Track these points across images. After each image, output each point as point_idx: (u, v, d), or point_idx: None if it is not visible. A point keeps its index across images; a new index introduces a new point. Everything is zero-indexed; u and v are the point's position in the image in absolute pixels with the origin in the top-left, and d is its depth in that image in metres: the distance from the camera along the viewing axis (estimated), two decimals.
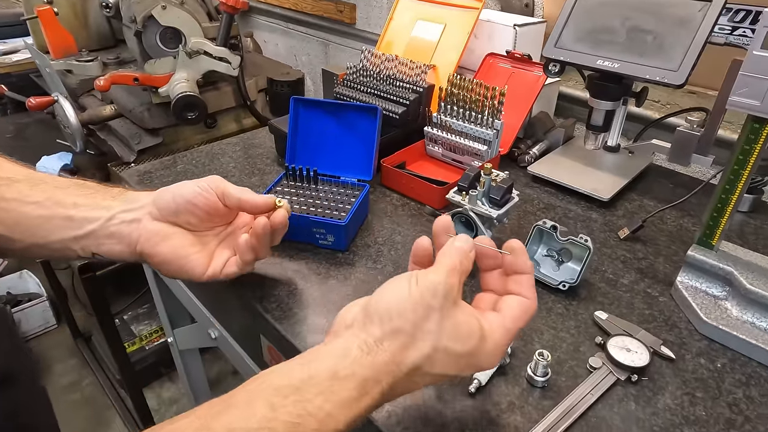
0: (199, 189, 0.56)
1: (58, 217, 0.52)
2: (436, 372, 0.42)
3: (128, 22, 1.30)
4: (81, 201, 0.54)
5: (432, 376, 0.42)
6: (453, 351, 0.41)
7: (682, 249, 0.78)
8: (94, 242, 0.54)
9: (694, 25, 0.78)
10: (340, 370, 0.38)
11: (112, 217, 0.54)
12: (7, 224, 0.51)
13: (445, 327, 0.41)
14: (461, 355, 0.42)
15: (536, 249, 0.73)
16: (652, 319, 0.65)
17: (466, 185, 0.71)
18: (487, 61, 1.08)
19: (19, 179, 0.52)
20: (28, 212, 0.51)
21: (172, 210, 0.56)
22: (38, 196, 0.52)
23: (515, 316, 0.45)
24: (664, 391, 0.56)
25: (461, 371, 0.43)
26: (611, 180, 0.92)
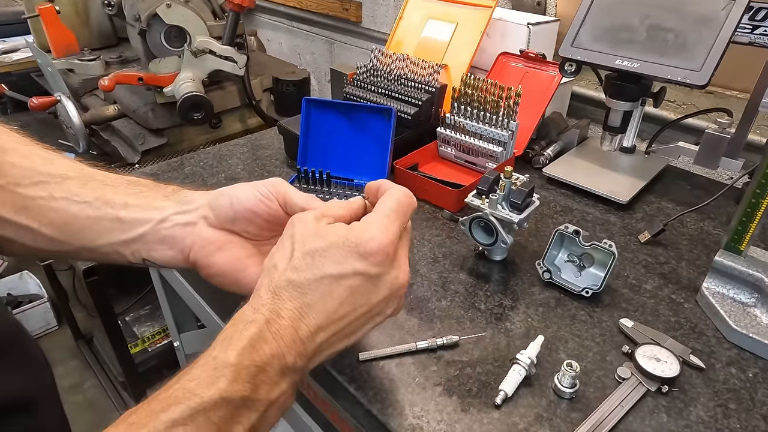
0: (260, 195, 0.50)
1: (107, 218, 0.48)
2: (312, 276, 0.40)
3: (132, 20, 1.28)
4: (132, 201, 0.49)
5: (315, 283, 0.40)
6: (312, 247, 0.41)
7: (705, 253, 0.76)
8: (144, 247, 0.49)
9: (717, 23, 0.76)
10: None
11: (165, 219, 0.49)
12: (56, 225, 0.47)
13: (296, 234, 0.42)
14: (326, 248, 0.41)
15: (557, 254, 0.71)
16: (679, 327, 0.64)
17: (486, 189, 0.69)
18: (499, 60, 1.06)
19: (71, 176, 0.48)
20: (76, 212, 0.47)
21: (230, 217, 0.50)
22: (88, 195, 0.48)
23: (384, 203, 0.44)
24: (696, 403, 0.54)
25: (343, 266, 0.41)
26: (628, 182, 0.90)
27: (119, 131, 1.39)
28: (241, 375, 0.36)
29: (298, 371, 0.40)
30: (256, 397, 0.37)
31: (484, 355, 0.59)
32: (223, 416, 0.35)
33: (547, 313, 0.65)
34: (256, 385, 0.37)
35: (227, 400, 0.35)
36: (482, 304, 0.66)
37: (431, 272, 0.72)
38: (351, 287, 0.41)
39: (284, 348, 0.38)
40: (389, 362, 0.58)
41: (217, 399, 0.35)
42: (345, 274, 0.41)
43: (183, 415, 0.33)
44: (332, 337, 0.42)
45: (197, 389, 0.35)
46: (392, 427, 0.51)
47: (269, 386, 0.38)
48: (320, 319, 0.40)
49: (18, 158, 0.46)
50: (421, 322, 0.63)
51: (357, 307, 0.42)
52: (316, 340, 0.40)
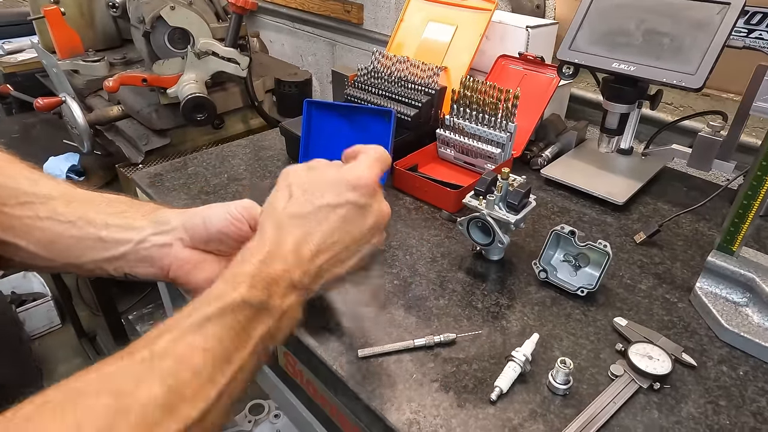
0: (230, 218, 0.53)
1: (90, 237, 0.51)
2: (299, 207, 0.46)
3: (136, 22, 1.30)
4: (111, 221, 0.52)
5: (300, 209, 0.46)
6: (309, 186, 0.47)
7: (699, 254, 0.78)
8: (126, 264, 0.52)
9: (712, 27, 0.77)
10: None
11: (143, 239, 0.52)
12: (42, 243, 0.50)
13: (292, 181, 0.48)
14: (322, 184, 0.47)
15: (553, 254, 0.73)
16: (672, 326, 0.65)
17: (483, 190, 0.70)
18: (499, 62, 1.07)
19: (55, 196, 0.51)
20: (61, 232, 0.50)
21: (204, 238, 0.53)
22: (71, 215, 0.51)
23: (366, 154, 0.51)
24: (687, 400, 0.55)
25: (338, 197, 0.47)
26: (625, 183, 0.92)
27: (123, 132, 1.41)
28: (258, 283, 0.41)
29: (302, 288, 0.45)
30: (271, 303, 0.42)
31: (480, 352, 0.60)
32: (246, 316, 0.40)
33: (543, 312, 0.66)
34: (270, 293, 0.42)
35: (248, 303, 0.40)
36: (479, 303, 0.68)
37: (430, 271, 0.73)
38: (344, 215, 0.47)
39: (291, 266, 0.44)
40: (388, 359, 0.59)
41: (240, 301, 0.40)
42: (340, 203, 0.47)
43: (213, 313, 0.38)
44: (330, 260, 0.47)
45: (222, 294, 0.40)
46: (390, 422, 0.52)
47: (281, 297, 0.43)
48: (319, 243, 0.46)
49: (4, 179, 0.50)
50: (419, 320, 0.64)
51: (350, 233, 0.48)
52: (316, 262, 0.46)
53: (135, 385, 0.33)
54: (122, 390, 0.32)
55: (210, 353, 0.37)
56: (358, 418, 0.60)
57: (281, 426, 1.46)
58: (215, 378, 0.36)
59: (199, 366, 0.36)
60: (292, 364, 0.71)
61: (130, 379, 0.33)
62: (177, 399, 0.33)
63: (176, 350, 0.36)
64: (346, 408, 0.62)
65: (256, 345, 0.40)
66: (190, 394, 0.34)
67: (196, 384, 0.35)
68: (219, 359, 0.37)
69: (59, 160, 1.47)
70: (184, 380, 0.34)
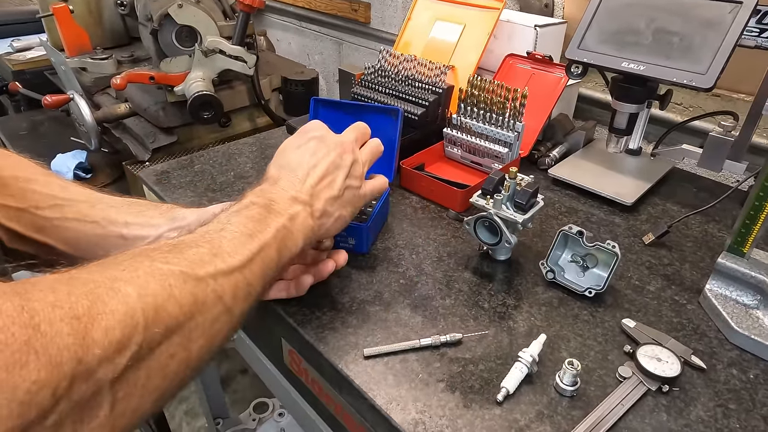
0: None
1: (112, 235, 0.56)
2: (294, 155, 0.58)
3: (144, 20, 1.30)
4: (131, 219, 0.57)
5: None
6: (283, 145, 0.60)
7: (709, 255, 0.77)
8: None
9: (723, 27, 0.76)
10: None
11: (160, 236, 0.57)
12: (69, 242, 0.55)
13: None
14: (290, 140, 0.60)
15: (560, 254, 0.72)
16: (681, 328, 0.64)
17: (491, 189, 0.70)
18: (506, 62, 1.07)
19: (81, 200, 0.57)
20: (87, 231, 0.55)
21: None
22: (96, 216, 0.56)
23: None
24: (696, 402, 0.55)
25: (301, 139, 0.60)
26: (634, 184, 0.91)
27: (130, 129, 1.41)
28: (259, 196, 0.52)
29: (304, 202, 0.54)
30: (277, 208, 0.51)
31: (486, 352, 0.60)
32: (259, 212, 0.49)
33: (550, 313, 0.66)
34: (273, 201, 0.51)
35: (256, 204, 0.50)
36: (486, 303, 0.67)
37: (436, 271, 0.73)
38: (309, 147, 0.59)
39: (285, 187, 0.54)
40: (393, 358, 0.59)
41: (249, 203, 0.50)
42: (303, 142, 0.60)
43: (231, 213, 0.48)
44: (320, 181, 0.57)
45: (231, 205, 0.50)
46: (396, 422, 0.52)
47: (285, 205, 0.52)
48: (302, 170, 0.57)
49: (38, 186, 0.55)
50: (425, 320, 0.64)
51: (321, 157, 0.58)
52: (308, 181, 0.56)
53: (186, 244, 0.42)
54: (178, 244, 0.42)
55: (238, 231, 0.46)
56: (363, 418, 0.60)
57: (285, 425, 1.46)
58: (246, 245, 0.45)
59: (231, 238, 0.45)
60: (296, 363, 0.71)
61: (180, 243, 0.42)
62: (219, 252, 0.43)
63: (210, 233, 0.45)
64: (351, 407, 0.62)
65: (276, 232, 0.48)
66: (229, 251, 0.43)
67: (231, 247, 0.44)
68: (246, 234, 0.46)
69: (67, 157, 1.47)
70: (221, 245, 0.44)
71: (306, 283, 0.63)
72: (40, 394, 0.26)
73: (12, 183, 0.53)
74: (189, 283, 0.38)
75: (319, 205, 0.55)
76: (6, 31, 2.05)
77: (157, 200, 0.94)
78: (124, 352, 0.31)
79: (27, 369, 0.26)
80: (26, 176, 0.55)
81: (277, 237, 0.48)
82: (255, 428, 1.47)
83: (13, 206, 0.53)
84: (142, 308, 0.33)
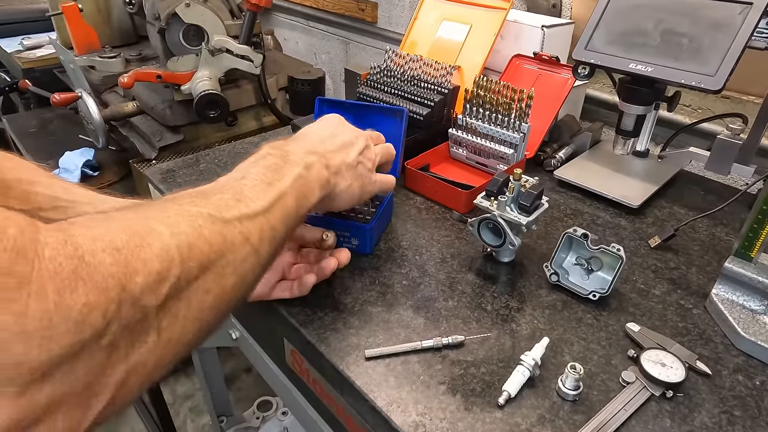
0: None
1: None
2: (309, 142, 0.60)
3: (152, 19, 1.31)
4: None
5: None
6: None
7: (716, 259, 0.76)
8: None
9: (733, 28, 0.75)
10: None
11: None
12: None
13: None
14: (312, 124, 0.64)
15: (565, 257, 0.72)
16: (686, 333, 0.63)
17: (495, 191, 0.70)
18: (513, 62, 1.06)
19: (84, 201, 0.58)
20: None
21: None
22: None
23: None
24: (700, 409, 0.54)
25: (320, 120, 0.65)
26: (640, 186, 0.90)
27: (137, 127, 1.42)
28: (278, 147, 0.54)
29: (320, 155, 0.57)
30: (293, 158, 0.53)
31: (488, 355, 0.59)
32: (275, 162, 0.51)
33: (554, 316, 0.65)
34: (288, 153, 0.54)
35: (273, 154, 0.52)
36: (489, 305, 0.67)
37: (439, 272, 0.72)
38: (328, 125, 0.64)
39: (303, 144, 0.58)
40: (395, 360, 0.59)
41: (265, 153, 0.52)
42: (322, 123, 0.65)
43: (250, 163, 0.51)
44: (335, 149, 0.60)
45: (249, 157, 0.52)
46: (396, 424, 0.52)
47: (300, 156, 0.54)
48: (315, 139, 0.61)
49: (42, 188, 0.56)
50: (428, 322, 0.64)
51: (338, 132, 0.63)
52: (321, 148, 0.59)
53: (208, 191, 0.44)
54: (202, 192, 0.44)
55: (256, 179, 0.48)
56: (364, 419, 0.60)
57: (288, 423, 1.47)
58: (266, 192, 0.47)
59: (251, 185, 0.47)
60: (298, 363, 0.71)
61: (208, 191, 0.44)
62: (241, 197, 0.44)
63: (231, 181, 0.47)
64: (352, 408, 0.62)
65: (293, 180, 0.51)
66: (251, 197, 0.45)
67: (252, 193, 0.46)
68: (264, 182, 0.48)
69: (75, 155, 1.48)
70: (243, 191, 0.45)
71: (309, 283, 0.63)
72: (91, 315, 0.29)
73: (15, 185, 0.54)
74: (217, 224, 0.40)
75: (333, 161, 0.58)
76: (16, 29, 2.07)
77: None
78: (164, 283, 0.34)
79: (77, 293, 0.29)
80: (29, 179, 0.55)
81: (295, 186, 0.51)
82: (258, 426, 1.48)
83: (16, 208, 0.53)
84: (177, 245, 0.36)
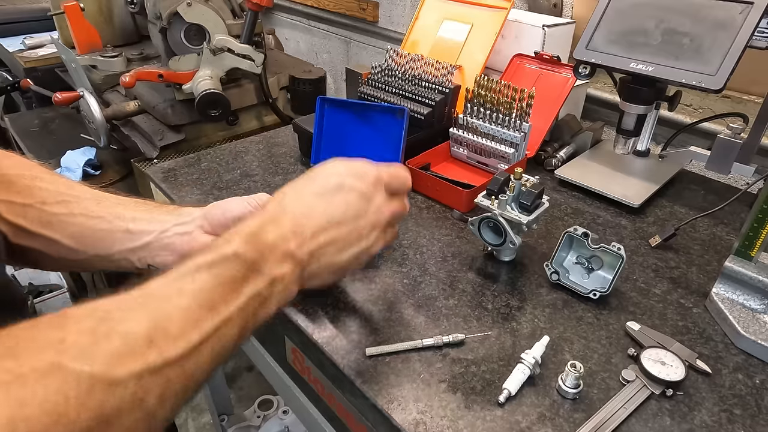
0: (249, 206, 0.58)
1: (118, 230, 0.56)
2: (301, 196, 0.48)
3: (153, 18, 1.31)
4: (138, 215, 0.57)
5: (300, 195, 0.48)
6: (315, 173, 0.50)
7: (716, 259, 0.76)
8: (149, 254, 0.57)
9: (734, 27, 0.75)
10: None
11: (166, 230, 0.57)
12: (74, 237, 0.55)
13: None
14: (328, 172, 0.50)
15: (565, 256, 0.72)
16: (686, 331, 0.63)
17: (496, 190, 0.70)
18: (514, 62, 1.06)
19: (88, 197, 0.57)
20: (92, 226, 0.55)
21: (222, 224, 0.57)
22: (102, 212, 0.56)
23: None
24: (700, 407, 0.54)
25: (342, 181, 0.49)
26: (641, 186, 0.90)
27: (139, 127, 1.42)
28: (251, 242, 0.42)
29: (298, 262, 0.45)
30: (264, 265, 0.42)
31: (489, 353, 0.60)
32: (238, 271, 0.40)
33: (554, 315, 0.66)
34: (263, 256, 0.42)
35: (241, 257, 0.41)
36: (489, 304, 0.67)
37: (440, 271, 0.72)
38: (347, 199, 0.49)
39: (288, 234, 0.45)
40: (395, 358, 0.59)
41: (232, 254, 0.41)
42: (344, 186, 0.49)
43: (205, 262, 0.40)
44: (329, 245, 0.47)
45: (217, 247, 0.41)
46: (396, 421, 0.52)
47: (273, 262, 0.43)
48: (320, 221, 0.47)
49: (45, 183, 0.55)
50: (428, 320, 0.64)
51: (350, 219, 0.48)
52: (317, 240, 0.47)
53: (122, 314, 0.34)
54: (109, 317, 0.33)
55: (197, 298, 0.37)
56: (364, 417, 0.60)
57: (289, 422, 1.47)
58: (200, 323, 0.36)
59: (185, 308, 0.36)
60: (300, 361, 0.72)
61: (117, 310, 0.34)
62: (160, 334, 0.34)
63: (164, 291, 0.37)
64: (352, 406, 0.62)
65: (245, 303, 0.40)
66: (174, 333, 0.35)
67: (180, 324, 0.35)
68: (205, 306, 0.37)
69: (76, 154, 1.49)
70: (169, 318, 0.35)
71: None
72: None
73: (17, 180, 0.54)
74: (98, 390, 0.30)
75: (313, 267, 0.47)
76: (18, 28, 2.07)
77: (164, 197, 0.95)
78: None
79: None
80: (32, 174, 0.55)
81: (246, 309, 0.40)
82: (259, 425, 1.48)
83: (19, 202, 0.53)
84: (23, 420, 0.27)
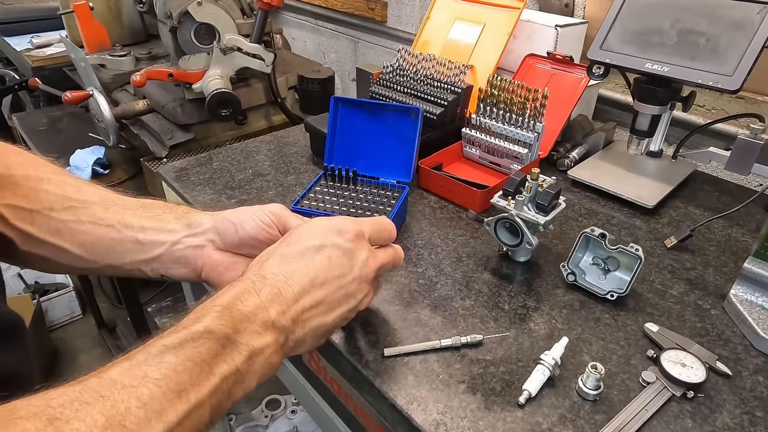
0: (262, 223, 0.55)
1: (128, 240, 0.54)
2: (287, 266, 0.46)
3: (163, 17, 1.31)
4: (147, 224, 0.55)
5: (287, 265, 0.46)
6: (298, 233, 0.49)
7: (732, 260, 0.76)
8: (161, 265, 0.55)
9: (751, 28, 0.75)
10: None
11: (177, 241, 0.55)
12: (85, 246, 0.53)
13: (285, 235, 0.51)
14: (310, 230, 0.49)
15: (581, 257, 0.71)
16: (705, 333, 0.63)
17: (512, 190, 0.69)
18: (526, 62, 1.06)
19: (95, 201, 0.55)
20: (102, 235, 0.54)
21: (235, 243, 0.56)
22: (111, 219, 0.54)
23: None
24: (721, 409, 0.54)
25: (323, 239, 0.48)
26: (655, 186, 0.90)
27: (148, 126, 1.42)
28: (225, 315, 0.39)
29: (281, 330, 0.43)
30: (239, 339, 0.39)
31: (507, 354, 0.59)
32: (209, 349, 0.37)
33: (571, 315, 0.65)
34: (238, 329, 0.39)
35: (212, 333, 0.38)
36: (506, 305, 0.67)
37: (455, 271, 0.72)
38: (330, 257, 0.47)
39: (267, 302, 0.42)
40: (414, 359, 0.59)
41: (203, 330, 0.37)
42: (325, 244, 0.48)
43: (173, 343, 0.36)
44: (314, 307, 0.46)
45: (185, 324, 0.38)
46: (417, 422, 0.52)
47: (252, 334, 0.40)
48: (304, 283, 0.45)
49: (53, 187, 0.53)
50: (445, 321, 0.64)
51: (334, 277, 0.47)
52: (300, 303, 0.44)
53: (74, 412, 0.30)
54: (59, 415, 0.30)
55: (163, 385, 0.34)
56: (383, 417, 0.60)
57: (298, 422, 1.47)
58: (165, 413, 0.33)
59: (147, 398, 0.33)
60: (315, 361, 0.71)
61: (70, 405, 0.31)
62: (117, 430, 0.31)
63: (126, 379, 0.33)
64: (370, 407, 0.62)
65: (218, 385, 0.37)
66: (133, 427, 0.31)
67: (140, 416, 0.32)
68: (171, 393, 0.34)
69: (85, 153, 1.49)
70: (128, 413, 0.32)
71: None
72: None
73: (23, 182, 0.52)
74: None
75: (299, 334, 0.45)
76: (26, 27, 2.08)
77: (176, 197, 0.94)
78: None
79: None
80: (38, 175, 0.53)
81: (220, 389, 0.37)
82: (267, 425, 1.48)
83: (26, 208, 0.51)
84: None
